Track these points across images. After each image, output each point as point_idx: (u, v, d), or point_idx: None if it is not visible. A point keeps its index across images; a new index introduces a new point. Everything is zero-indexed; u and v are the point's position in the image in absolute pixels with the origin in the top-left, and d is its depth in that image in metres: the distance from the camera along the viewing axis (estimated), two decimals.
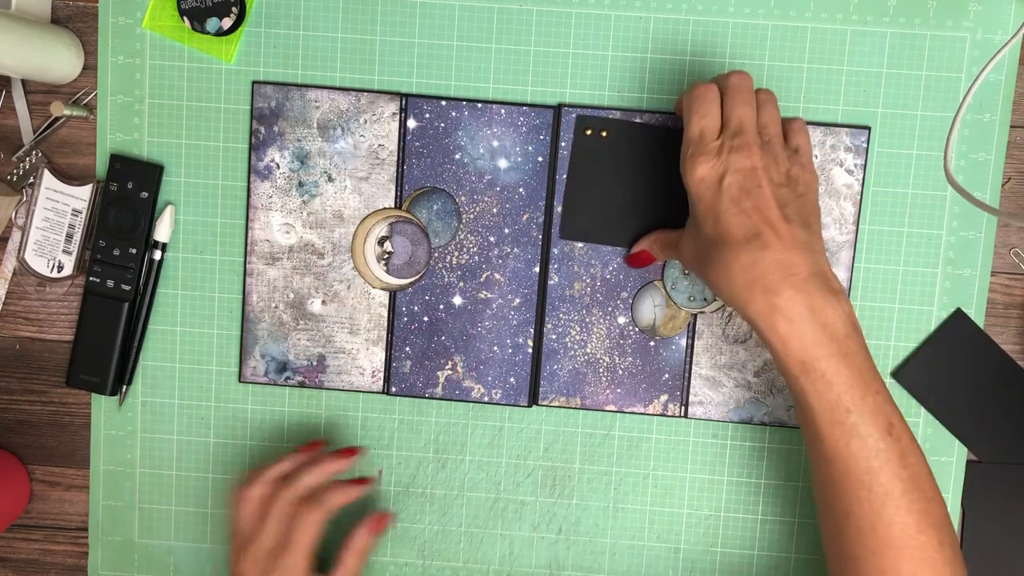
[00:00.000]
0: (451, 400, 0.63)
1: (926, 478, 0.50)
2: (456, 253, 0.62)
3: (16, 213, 0.63)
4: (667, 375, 0.63)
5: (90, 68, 0.62)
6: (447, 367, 0.63)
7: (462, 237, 0.62)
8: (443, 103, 0.61)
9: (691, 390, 0.63)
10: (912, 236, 0.62)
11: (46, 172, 0.62)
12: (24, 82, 0.63)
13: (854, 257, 0.62)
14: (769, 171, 0.51)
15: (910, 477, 0.50)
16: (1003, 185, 0.62)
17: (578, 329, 0.63)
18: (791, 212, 0.50)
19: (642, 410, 0.63)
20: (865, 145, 0.61)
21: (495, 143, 0.61)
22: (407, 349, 0.63)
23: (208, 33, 0.59)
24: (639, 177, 0.61)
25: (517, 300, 0.62)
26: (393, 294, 0.63)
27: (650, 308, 0.63)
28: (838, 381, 0.49)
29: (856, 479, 0.50)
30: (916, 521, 0.49)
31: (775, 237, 0.49)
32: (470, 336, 0.63)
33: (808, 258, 0.49)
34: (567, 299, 0.62)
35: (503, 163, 0.62)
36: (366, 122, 0.62)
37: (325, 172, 0.62)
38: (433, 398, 0.63)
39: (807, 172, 0.53)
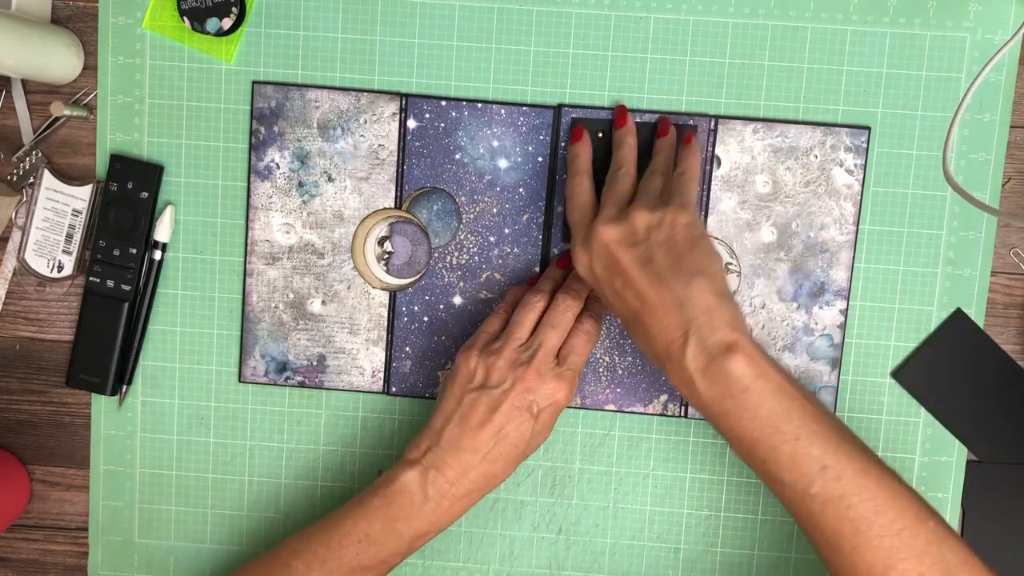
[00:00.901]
0: None
1: (886, 506, 0.48)
2: (456, 253, 0.62)
3: (16, 213, 0.63)
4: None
5: (90, 68, 0.62)
6: (447, 367, 0.63)
7: (462, 237, 0.62)
8: (443, 103, 0.61)
9: None
10: (912, 236, 0.62)
11: (46, 172, 0.62)
12: (24, 82, 0.63)
13: (854, 257, 0.62)
14: (624, 240, 0.52)
15: (855, 517, 0.48)
16: (1003, 185, 0.62)
17: None
18: (656, 268, 0.51)
19: (642, 410, 0.63)
20: (865, 145, 0.61)
21: (495, 143, 0.61)
22: (407, 349, 0.63)
23: (208, 33, 0.59)
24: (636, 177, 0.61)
25: None
26: (393, 294, 0.63)
27: None
28: (746, 437, 0.50)
29: (818, 530, 0.49)
30: (892, 549, 0.48)
31: (647, 311, 0.51)
32: (470, 336, 0.63)
33: (679, 318, 0.50)
34: None
35: (503, 163, 0.62)
36: (366, 122, 0.62)
37: (325, 172, 0.62)
38: (433, 398, 0.63)
39: (673, 211, 0.53)
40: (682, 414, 0.63)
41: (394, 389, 0.63)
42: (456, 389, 0.56)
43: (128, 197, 0.62)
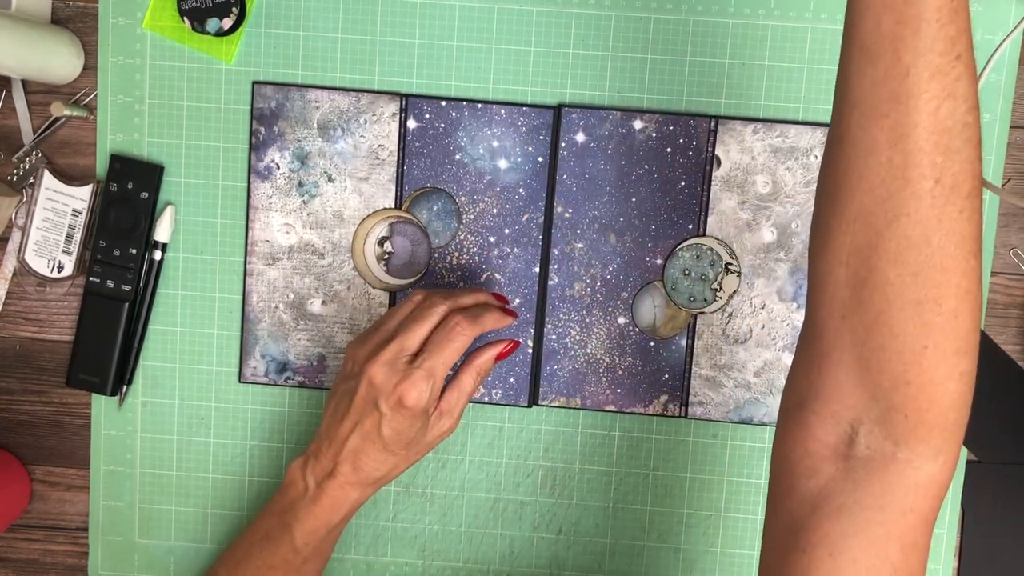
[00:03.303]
0: None
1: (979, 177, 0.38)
2: (456, 253, 0.62)
3: (16, 213, 0.63)
4: (667, 375, 0.63)
5: (90, 68, 0.62)
6: None
7: (462, 237, 0.62)
8: (443, 103, 0.61)
9: (691, 390, 0.63)
10: None
11: (46, 172, 0.62)
12: (24, 82, 0.63)
13: None
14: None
15: (976, 173, 0.37)
16: (1003, 185, 0.62)
17: (578, 329, 0.63)
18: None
19: (642, 410, 0.63)
20: None
21: (495, 143, 0.61)
22: None
23: (208, 33, 0.59)
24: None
25: (517, 300, 0.62)
26: (393, 294, 0.63)
27: (650, 308, 0.63)
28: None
29: (927, 164, 0.36)
30: (972, 235, 0.37)
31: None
32: None
33: None
34: (567, 299, 0.62)
35: (503, 163, 0.62)
36: (366, 122, 0.62)
37: (325, 172, 0.62)
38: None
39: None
40: (682, 414, 0.63)
41: None
42: (337, 376, 0.57)
43: (128, 197, 0.62)
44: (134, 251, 0.62)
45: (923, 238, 0.37)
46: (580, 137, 0.61)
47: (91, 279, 0.62)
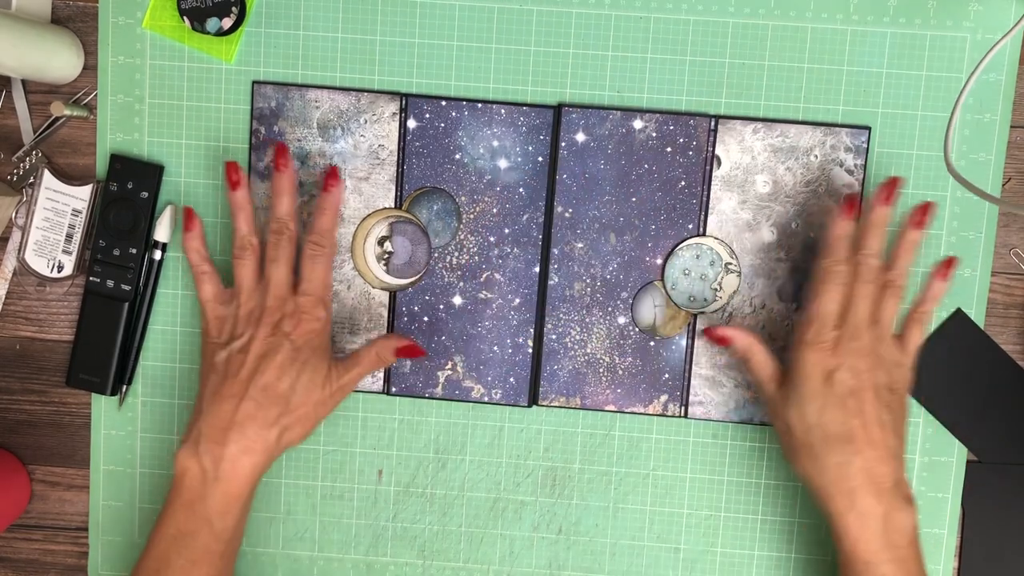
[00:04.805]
0: (451, 400, 0.63)
1: None
2: (456, 253, 0.62)
3: (16, 213, 0.63)
4: (667, 375, 0.63)
5: (90, 68, 0.62)
6: (447, 367, 0.63)
7: (462, 237, 0.62)
8: (443, 103, 0.61)
9: (691, 390, 0.63)
10: None
11: (46, 172, 0.62)
12: (24, 82, 0.63)
13: None
14: (876, 375, 0.54)
15: None
16: (1003, 185, 0.62)
17: (578, 329, 0.63)
18: (887, 419, 0.54)
19: (642, 410, 0.63)
20: (865, 145, 0.61)
21: (495, 143, 0.61)
22: None
23: (208, 33, 0.59)
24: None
25: (517, 300, 0.62)
26: (393, 294, 0.63)
27: (650, 308, 0.63)
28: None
29: None
30: None
31: (868, 445, 0.53)
32: (470, 336, 0.63)
33: (894, 467, 0.54)
34: (567, 299, 0.62)
35: (503, 163, 0.62)
36: (366, 122, 0.62)
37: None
38: (433, 398, 0.63)
39: (905, 372, 0.57)
40: (682, 414, 0.63)
41: (394, 389, 0.63)
42: (207, 355, 0.58)
43: (128, 197, 0.62)
44: (134, 251, 0.62)
45: None
46: (580, 137, 0.61)
47: (91, 279, 0.62)
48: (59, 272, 0.62)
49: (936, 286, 0.59)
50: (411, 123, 0.61)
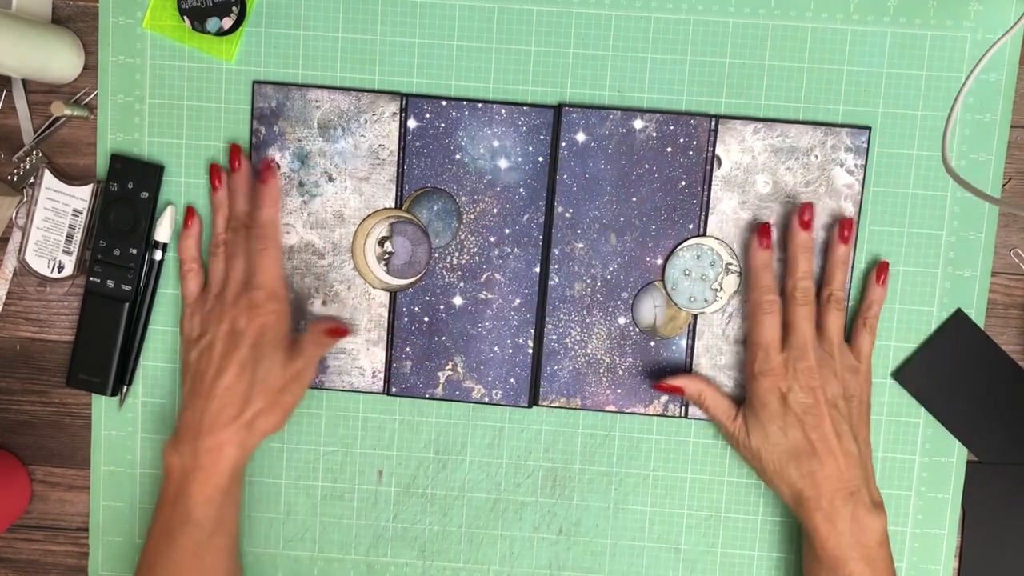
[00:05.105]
0: (451, 401, 0.63)
1: None
2: (456, 253, 0.62)
3: (16, 213, 0.63)
4: (667, 375, 0.63)
5: (90, 68, 0.62)
6: (447, 367, 0.63)
7: (462, 237, 0.62)
8: (443, 103, 0.61)
9: None
10: (912, 236, 0.62)
11: (46, 172, 0.62)
12: (24, 82, 0.63)
13: (854, 257, 0.61)
14: (828, 388, 0.57)
15: None
16: (1004, 185, 0.62)
17: (578, 330, 0.63)
18: (845, 428, 0.57)
19: (642, 410, 0.63)
20: (865, 145, 0.61)
21: (495, 143, 0.61)
22: (407, 350, 0.63)
23: (208, 33, 0.59)
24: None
25: (517, 300, 0.62)
26: (393, 294, 0.63)
27: (650, 309, 0.63)
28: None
29: None
30: None
31: (830, 455, 0.56)
32: (470, 337, 0.63)
33: (858, 473, 0.57)
34: (567, 299, 0.62)
35: (503, 163, 0.62)
36: (366, 122, 0.62)
37: (325, 172, 0.62)
38: (433, 399, 0.63)
39: (861, 378, 0.59)
40: (682, 414, 0.63)
41: (394, 389, 0.63)
42: (182, 352, 0.60)
43: (128, 197, 0.62)
44: (134, 251, 0.62)
45: None
46: (580, 137, 0.61)
47: (91, 279, 0.62)
48: (59, 272, 0.62)
49: (875, 291, 0.61)
50: (411, 123, 0.61)
